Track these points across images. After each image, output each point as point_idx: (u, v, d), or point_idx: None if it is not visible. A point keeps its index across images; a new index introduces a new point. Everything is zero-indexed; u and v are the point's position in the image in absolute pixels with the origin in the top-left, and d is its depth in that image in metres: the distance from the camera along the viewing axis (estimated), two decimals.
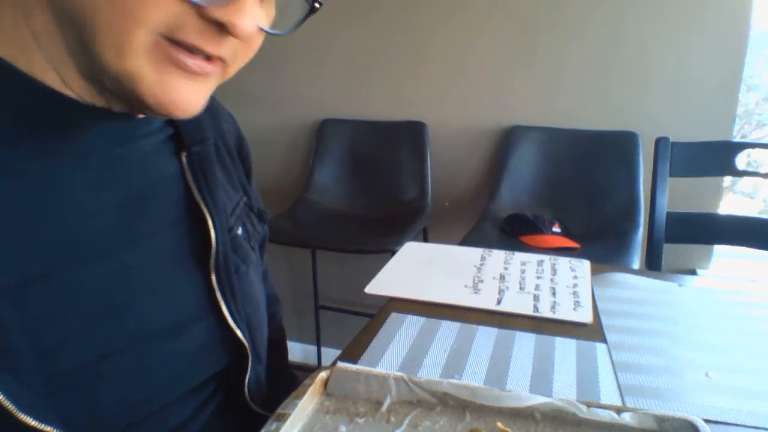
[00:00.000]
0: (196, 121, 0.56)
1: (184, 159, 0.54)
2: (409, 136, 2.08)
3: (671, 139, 1.48)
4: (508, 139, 1.98)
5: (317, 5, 0.45)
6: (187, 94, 0.42)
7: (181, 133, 0.55)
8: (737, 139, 1.98)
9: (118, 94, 0.41)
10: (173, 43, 0.39)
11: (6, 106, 0.41)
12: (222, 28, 0.40)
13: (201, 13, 0.39)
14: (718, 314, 0.80)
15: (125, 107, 0.44)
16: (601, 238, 1.67)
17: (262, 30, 0.43)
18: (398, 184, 2.08)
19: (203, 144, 0.57)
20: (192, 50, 0.40)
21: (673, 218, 1.45)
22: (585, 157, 1.88)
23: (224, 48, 0.42)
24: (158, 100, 0.41)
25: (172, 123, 0.55)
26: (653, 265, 1.42)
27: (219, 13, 0.39)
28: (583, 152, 1.89)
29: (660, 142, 1.48)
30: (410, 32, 2.06)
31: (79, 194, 0.45)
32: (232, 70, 0.46)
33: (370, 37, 2.11)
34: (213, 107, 0.63)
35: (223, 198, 0.57)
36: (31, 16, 0.40)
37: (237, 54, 0.44)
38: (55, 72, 0.41)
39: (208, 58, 0.42)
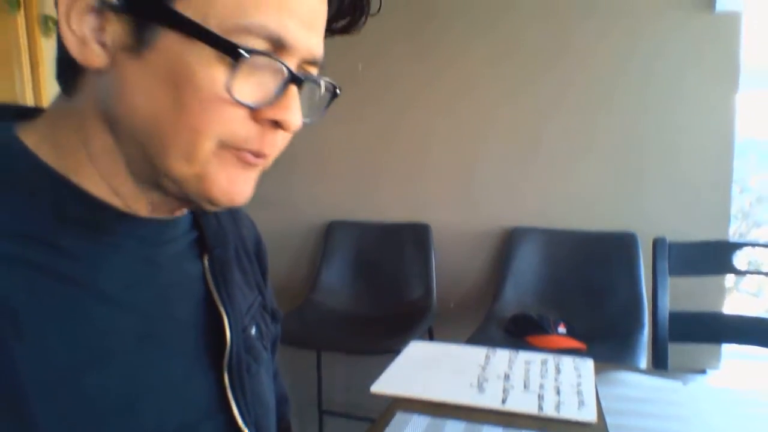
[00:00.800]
0: (218, 225, 0.61)
1: (206, 261, 0.57)
2: (413, 238, 2.14)
3: (669, 239, 1.52)
4: (510, 241, 2.03)
5: (338, 91, 0.50)
6: (246, 185, 0.47)
7: (204, 237, 0.58)
8: (735, 238, 2.02)
9: (179, 195, 0.47)
10: (238, 149, 0.45)
11: (54, 212, 0.45)
12: (276, 125, 0.45)
13: (254, 116, 0.44)
14: (724, 413, 0.80)
15: (174, 206, 0.50)
16: (607, 338, 1.66)
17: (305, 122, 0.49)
18: (404, 284, 2.10)
19: (224, 247, 0.60)
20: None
21: (678, 317, 1.46)
22: (587, 258, 1.91)
23: (277, 146, 0.47)
24: (224, 193, 0.46)
25: (197, 226, 0.59)
26: (659, 364, 1.41)
27: (271, 113, 0.44)
28: (584, 253, 1.92)
29: (657, 243, 1.52)
30: (414, 138, 2.18)
31: (108, 293, 0.47)
32: (272, 159, 0.50)
33: (375, 142, 2.23)
34: (235, 212, 0.67)
35: (239, 298, 0.60)
36: (89, 140, 0.46)
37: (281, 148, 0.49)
38: (107, 184, 0.47)
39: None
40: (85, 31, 0.43)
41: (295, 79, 0.45)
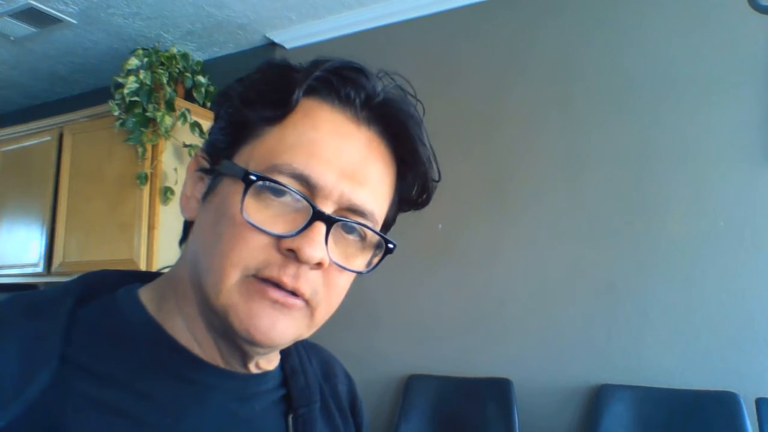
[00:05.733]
0: (305, 383, 0.62)
1: (290, 421, 0.58)
2: (494, 394, 2.07)
3: None
4: (597, 399, 1.92)
5: (390, 246, 0.53)
6: (270, 321, 0.48)
7: (291, 395, 0.59)
8: None
9: (222, 331, 0.50)
10: (260, 280, 0.47)
11: (150, 359, 0.50)
12: (294, 255, 0.47)
13: (279, 246, 0.47)
14: None
15: (236, 354, 0.52)
16: None
17: (340, 266, 0.50)
18: None
19: (309, 407, 0.60)
20: (276, 285, 0.47)
21: None
22: (684, 420, 1.76)
23: (301, 280, 0.48)
24: (243, 325, 0.47)
25: (286, 384, 0.60)
26: None
27: (290, 242, 0.47)
28: (681, 415, 1.78)
29: (761, 404, 1.41)
30: (494, 290, 2.20)
31: None
32: (320, 313, 0.51)
33: (455, 295, 2.27)
34: (330, 369, 0.69)
35: None
36: (178, 292, 0.53)
37: (317, 291, 0.50)
38: (191, 333, 0.52)
39: (293, 294, 0.48)
40: (193, 192, 0.54)
41: (319, 215, 0.47)
